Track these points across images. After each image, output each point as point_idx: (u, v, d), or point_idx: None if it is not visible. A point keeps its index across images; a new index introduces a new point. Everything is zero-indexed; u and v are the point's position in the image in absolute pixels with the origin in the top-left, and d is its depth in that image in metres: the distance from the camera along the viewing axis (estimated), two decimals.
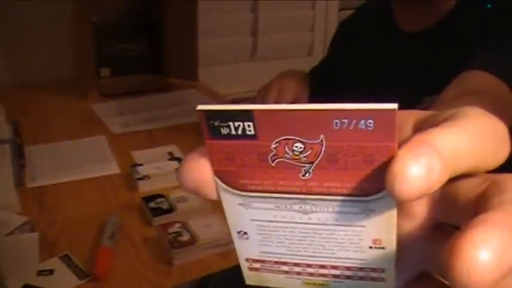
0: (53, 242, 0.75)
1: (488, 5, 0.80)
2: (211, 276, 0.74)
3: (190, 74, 1.44)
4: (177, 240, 0.74)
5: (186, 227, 0.76)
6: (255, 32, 1.72)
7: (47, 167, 0.98)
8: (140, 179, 0.90)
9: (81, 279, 0.68)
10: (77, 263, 0.70)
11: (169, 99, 1.36)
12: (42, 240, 0.74)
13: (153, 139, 1.11)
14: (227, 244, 0.74)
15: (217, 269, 0.73)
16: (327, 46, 1.19)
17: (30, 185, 0.91)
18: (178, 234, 0.75)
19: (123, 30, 1.37)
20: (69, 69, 1.47)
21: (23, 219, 0.77)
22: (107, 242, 0.73)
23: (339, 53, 1.07)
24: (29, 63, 1.42)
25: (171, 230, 0.76)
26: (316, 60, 1.18)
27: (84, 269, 0.69)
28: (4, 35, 1.38)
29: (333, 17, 1.85)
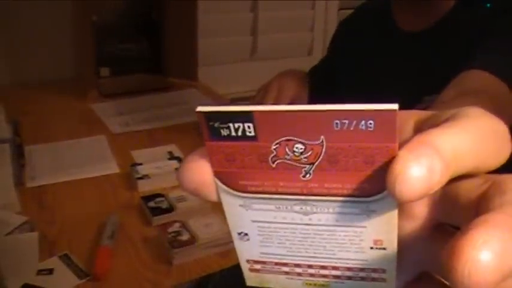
0: (53, 241, 0.75)
1: (488, 5, 0.80)
2: (211, 276, 0.74)
3: (190, 73, 1.44)
4: (177, 239, 0.73)
5: (186, 227, 0.76)
6: (254, 31, 1.72)
7: (47, 166, 0.98)
8: (140, 178, 0.90)
9: (80, 278, 0.68)
10: (77, 262, 0.70)
11: (169, 99, 1.36)
12: (42, 239, 0.74)
13: (152, 139, 1.11)
14: (227, 244, 0.74)
15: (217, 268, 0.73)
16: (326, 46, 1.19)
17: (30, 184, 0.91)
18: (178, 233, 0.75)
19: (123, 30, 1.37)
20: (69, 69, 1.46)
21: (23, 218, 0.77)
22: (106, 241, 0.73)
23: (338, 52, 1.07)
24: (29, 63, 1.42)
25: (170, 229, 0.76)
26: (316, 60, 1.18)
27: (83, 269, 0.69)
28: (4, 35, 1.37)
29: (333, 17, 1.85)
